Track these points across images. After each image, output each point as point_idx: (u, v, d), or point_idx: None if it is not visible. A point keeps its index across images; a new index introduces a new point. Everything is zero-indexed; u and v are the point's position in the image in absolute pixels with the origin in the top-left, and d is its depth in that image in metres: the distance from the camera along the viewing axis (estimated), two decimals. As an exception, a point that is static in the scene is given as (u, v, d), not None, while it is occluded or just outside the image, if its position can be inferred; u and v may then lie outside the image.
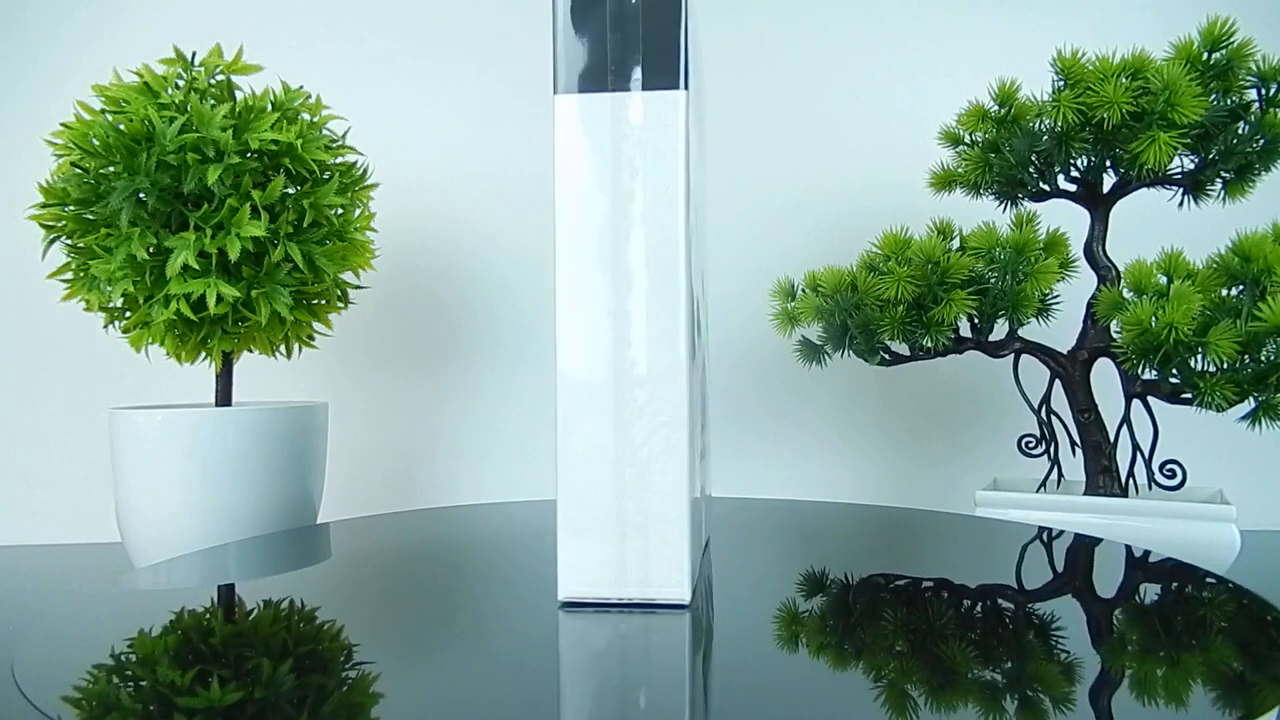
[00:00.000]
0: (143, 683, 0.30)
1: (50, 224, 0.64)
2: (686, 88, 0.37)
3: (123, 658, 0.33)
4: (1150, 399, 0.68)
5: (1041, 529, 0.57)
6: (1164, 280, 0.64)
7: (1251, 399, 0.60)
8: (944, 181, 0.77)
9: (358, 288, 0.74)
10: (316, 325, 0.73)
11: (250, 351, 0.71)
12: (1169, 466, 0.68)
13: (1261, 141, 0.65)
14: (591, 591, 0.38)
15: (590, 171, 0.38)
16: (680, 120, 0.37)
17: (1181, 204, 0.72)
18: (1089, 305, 0.71)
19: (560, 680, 0.30)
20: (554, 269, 0.38)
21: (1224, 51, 0.64)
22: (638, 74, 0.37)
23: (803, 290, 0.77)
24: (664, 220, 0.37)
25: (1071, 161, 0.69)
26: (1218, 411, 0.61)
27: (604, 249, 0.38)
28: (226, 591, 0.44)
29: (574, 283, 0.38)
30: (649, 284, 0.37)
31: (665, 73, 0.37)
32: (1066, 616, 0.38)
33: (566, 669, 0.31)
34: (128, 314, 0.66)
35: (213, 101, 0.64)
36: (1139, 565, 0.48)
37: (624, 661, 0.32)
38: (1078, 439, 0.72)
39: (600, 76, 0.37)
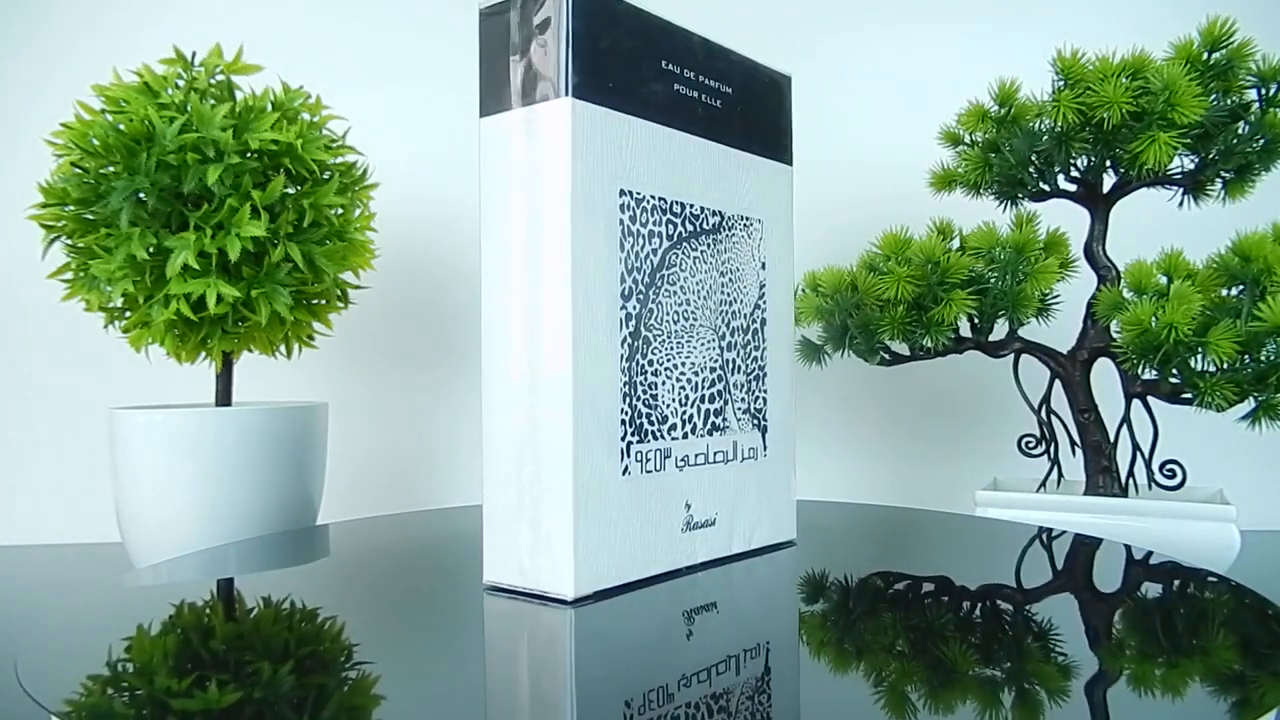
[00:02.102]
0: (139, 692, 0.30)
1: (50, 224, 0.64)
2: (571, 95, 0.38)
3: (121, 662, 0.33)
4: (1150, 399, 0.68)
5: (1041, 529, 0.57)
6: (1164, 280, 0.64)
7: (1251, 399, 0.60)
8: (944, 181, 0.77)
9: (358, 288, 0.74)
10: (316, 325, 0.73)
11: (250, 351, 0.71)
12: (1169, 466, 0.68)
13: (1261, 141, 0.65)
14: (503, 579, 0.41)
15: (498, 186, 0.41)
16: (562, 128, 0.39)
17: (1181, 204, 0.72)
18: (1089, 305, 0.71)
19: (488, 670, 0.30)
20: (480, 277, 0.42)
21: (1224, 51, 0.64)
22: (530, 90, 0.40)
23: (803, 290, 0.77)
24: (549, 226, 0.39)
25: (1071, 161, 0.69)
26: (1218, 411, 0.61)
27: (506, 256, 0.41)
28: (226, 592, 0.44)
29: (490, 289, 0.41)
30: (538, 291, 0.39)
31: (550, 84, 0.39)
32: (1067, 616, 0.38)
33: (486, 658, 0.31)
34: (128, 314, 0.66)
35: (213, 101, 0.64)
36: (1139, 565, 0.48)
37: (507, 657, 0.32)
38: (1078, 439, 0.72)
39: (505, 97, 0.40)
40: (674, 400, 0.44)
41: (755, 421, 0.49)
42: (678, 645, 0.34)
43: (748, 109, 0.48)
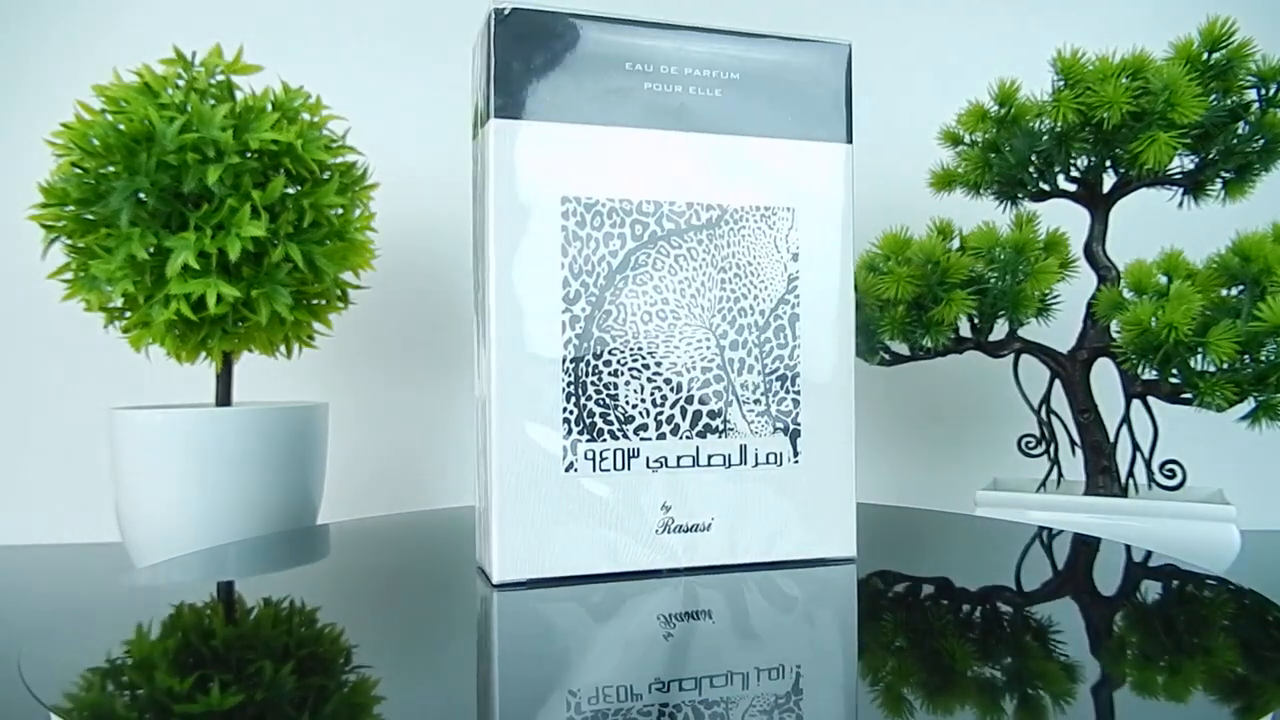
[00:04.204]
0: (140, 690, 0.30)
1: (50, 224, 0.64)
2: (496, 117, 0.42)
3: (121, 661, 0.33)
4: (1150, 399, 0.68)
5: (1041, 529, 0.57)
6: (1164, 280, 0.64)
7: (1251, 399, 0.60)
8: (944, 181, 0.77)
9: (358, 288, 0.74)
10: (316, 325, 0.73)
11: (250, 351, 0.71)
12: (1169, 466, 0.68)
13: (1261, 141, 0.65)
14: (481, 560, 0.45)
15: (473, 204, 0.45)
16: (491, 148, 0.42)
17: (1181, 204, 0.72)
18: (1089, 305, 0.71)
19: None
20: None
21: (1224, 51, 0.64)
22: (479, 116, 0.44)
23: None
24: (487, 239, 0.43)
25: (1071, 161, 0.69)
26: (1218, 411, 0.61)
27: (476, 267, 0.45)
28: (226, 592, 0.44)
29: (474, 294, 0.46)
30: (484, 298, 0.43)
31: (486, 108, 0.42)
32: (1067, 617, 0.38)
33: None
34: (128, 314, 0.66)
35: (213, 101, 0.64)
36: (1139, 565, 0.48)
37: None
38: (1078, 439, 0.72)
39: (483, 116, 0.44)
40: (644, 400, 0.44)
41: (778, 425, 0.46)
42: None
43: (768, 92, 0.46)
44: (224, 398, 0.71)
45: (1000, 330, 0.73)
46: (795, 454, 0.47)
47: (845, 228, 0.48)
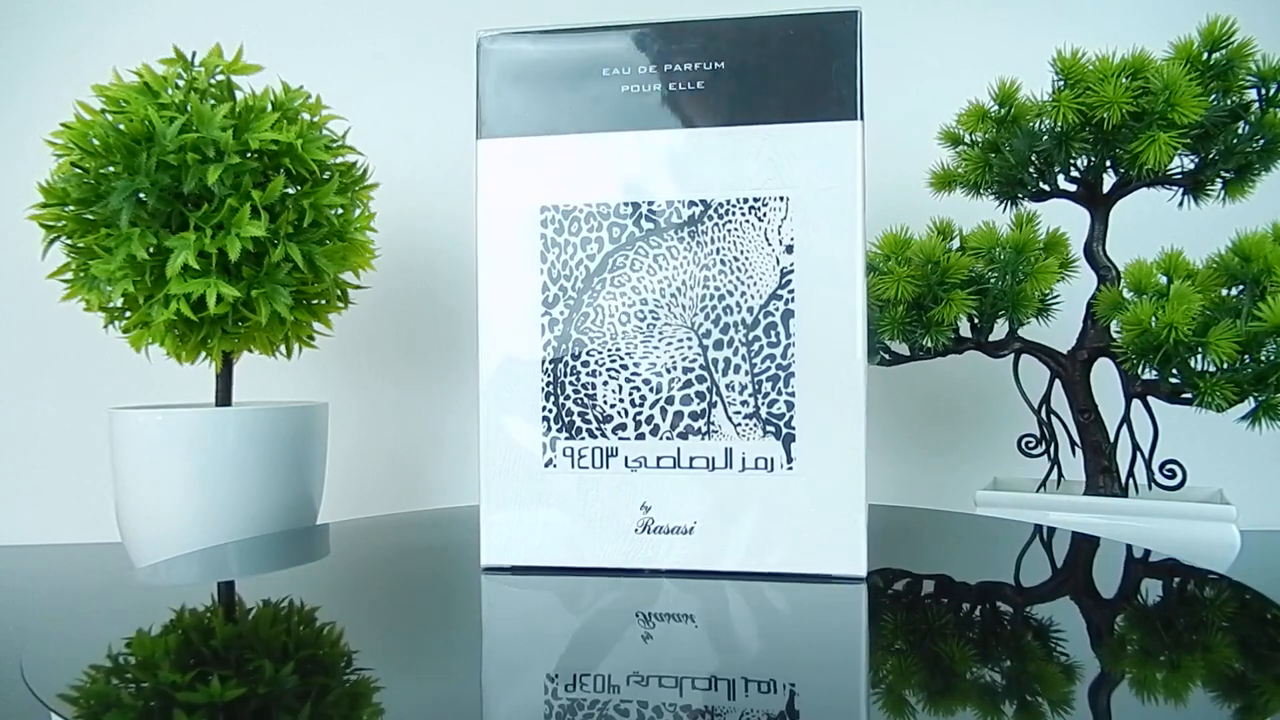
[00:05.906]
0: (144, 684, 0.30)
1: (50, 224, 0.64)
2: (480, 138, 0.46)
3: (123, 660, 0.33)
4: (1150, 399, 0.68)
5: (1039, 527, 0.57)
6: (1164, 280, 0.64)
7: (1251, 399, 0.60)
8: (944, 181, 0.77)
9: (358, 288, 0.74)
10: (316, 325, 0.73)
11: (250, 351, 0.71)
12: (1169, 466, 0.68)
13: (1261, 141, 0.65)
14: None
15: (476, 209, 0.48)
16: (479, 167, 0.46)
17: (1181, 204, 0.72)
18: (1089, 305, 0.71)
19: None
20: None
21: (1224, 51, 0.64)
22: (476, 129, 0.47)
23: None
24: (476, 249, 0.46)
25: (1071, 161, 0.69)
26: (1218, 411, 0.61)
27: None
28: (226, 592, 0.44)
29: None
30: (477, 301, 0.46)
31: (478, 126, 0.46)
32: (1067, 616, 0.38)
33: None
34: (128, 314, 0.66)
35: (213, 101, 0.64)
36: (1139, 565, 0.48)
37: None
38: (1078, 439, 0.72)
39: (475, 134, 0.47)
40: (622, 400, 0.44)
41: (769, 429, 0.43)
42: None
43: (758, 77, 0.43)
44: (224, 398, 0.71)
45: (1000, 330, 0.73)
46: (789, 460, 0.43)
47: (854, 214, 0.43)
